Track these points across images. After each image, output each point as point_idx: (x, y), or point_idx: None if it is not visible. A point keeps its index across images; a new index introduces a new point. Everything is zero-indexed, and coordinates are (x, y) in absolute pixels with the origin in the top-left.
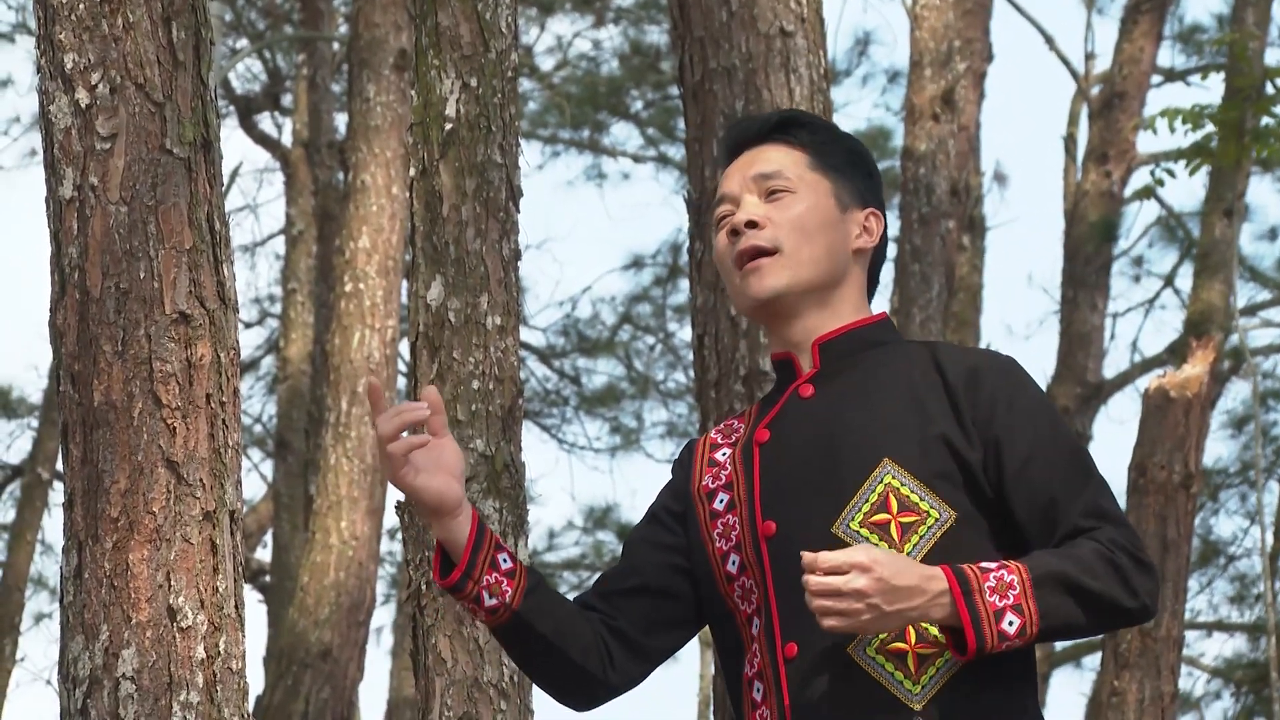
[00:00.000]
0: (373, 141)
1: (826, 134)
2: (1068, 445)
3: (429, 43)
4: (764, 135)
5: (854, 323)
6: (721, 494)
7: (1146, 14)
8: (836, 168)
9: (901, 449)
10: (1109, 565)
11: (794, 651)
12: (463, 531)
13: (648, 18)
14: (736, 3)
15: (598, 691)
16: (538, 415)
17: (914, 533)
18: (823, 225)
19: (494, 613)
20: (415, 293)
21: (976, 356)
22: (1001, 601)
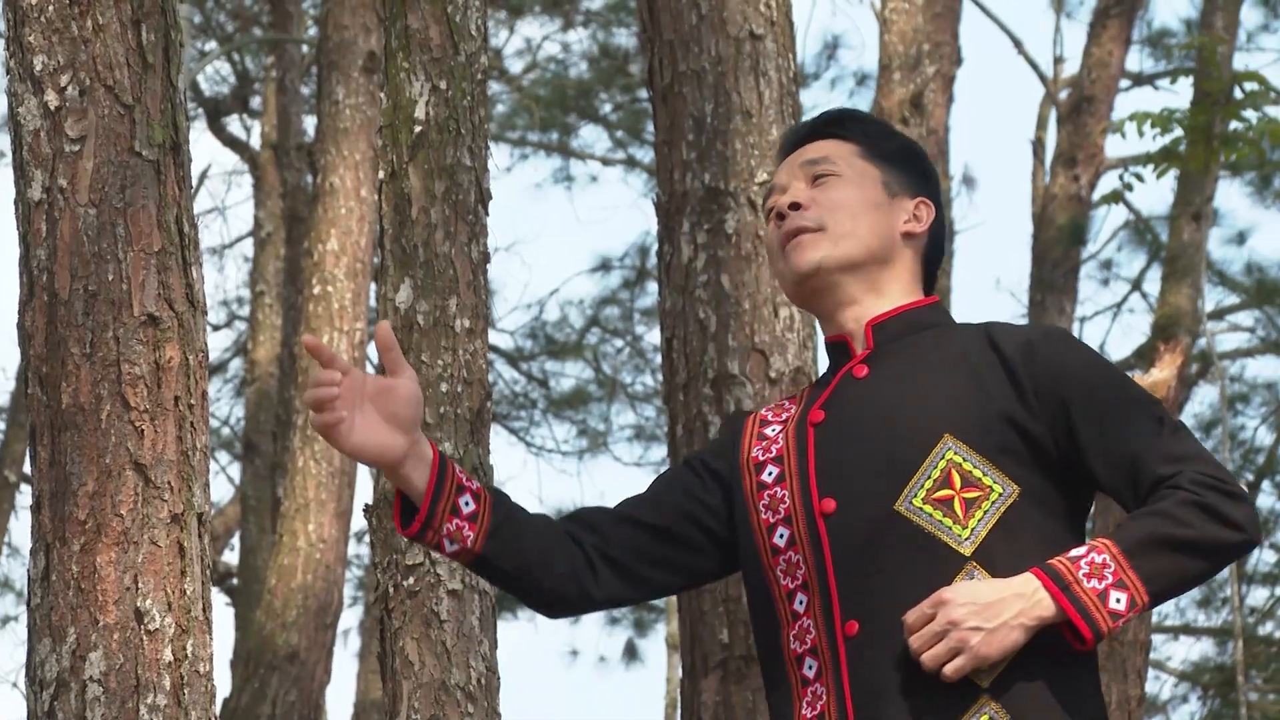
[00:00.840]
0: (342, 144)
1: (879, 129)
2: (1135, 398)
3: (398, 45)
4: (815, 132)
5: (906, 305)
6: (771, 467)
7: (1115, 18)
8: (887, 158)
9: (962, 424)
10: (1197, 509)
11: (855, 629)
12: (422, 480)
13: (617, 20)
14: (706, 6)
15: (571, 609)
16: (505, 418)
17: (978, 508)
18: (868, 206)
19: (457, 555)
20: (384, 295)
21: (1029, 330)
22: (1101, 583)
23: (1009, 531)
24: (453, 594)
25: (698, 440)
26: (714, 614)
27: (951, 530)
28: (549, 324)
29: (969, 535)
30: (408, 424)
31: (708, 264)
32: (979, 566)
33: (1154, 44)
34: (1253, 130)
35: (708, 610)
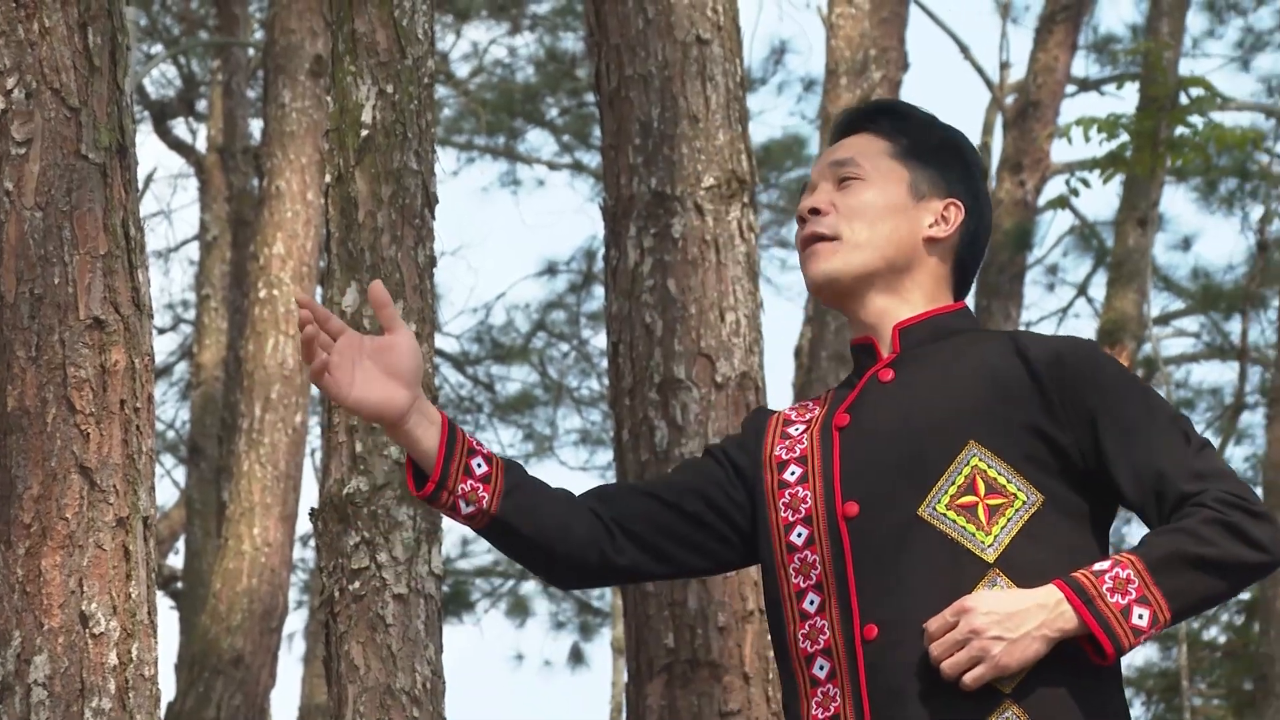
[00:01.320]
0: (288, 147)
1: (917, 123)
2: (1162, 414)
3: (345, 49)
4: (854, 124)
5: (934, 310)
6: (794, 466)
7: (1061, 24)
8: (919, 156)
9: (987, 432)
10: (1222, 527)
11: (874, 634)
12: (432, 440)
13: (564, 25)
14: (653, 10)
15: (591, 578)
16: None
17: (1001, 515)
18: (888, 212)
19: (472, 518)
20: (330, 299)
21: (1057, 341)
22: (1125, 599)
23: (1033, 539)
24: (398, 598)
25: (644, 445)
26: (659, 618)
27: (975, 536)
28: (495, 328)
29: (992, 542)
30: (409, 378)
31: (654, 268)
32: (1002, 573)
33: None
34: (1198, 135)
35: (653, 614)
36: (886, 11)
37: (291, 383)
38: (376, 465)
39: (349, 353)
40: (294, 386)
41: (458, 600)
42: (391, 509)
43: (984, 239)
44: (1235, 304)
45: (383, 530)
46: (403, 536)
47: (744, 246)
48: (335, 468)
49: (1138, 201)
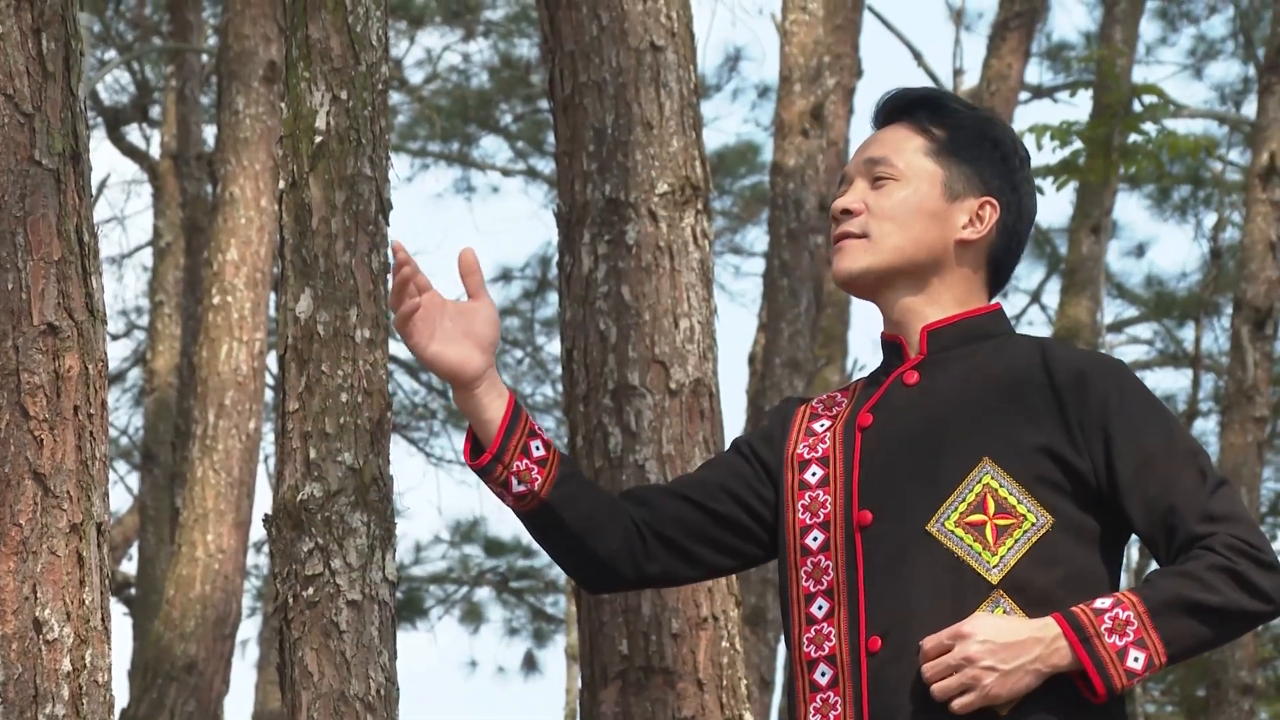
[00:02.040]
0: (242, 154)
1: (957, 118)
2: (1182, 448)
3: (299, 55)
4: (895, 114)
5: (964, 313)
6: (815, 467)
7: (1014, 31)
8: (955, 154)
9: (1002, 449)
10: (1227, 575)
11: (878, 645)
12: (497, 412)
13: (518, 31)
14: (607, 17)
15: (621, 583)
16: (405, 429)
17: (1009, 536)
18: (919, 214)
19: (521, 499)
20: (284, 305)
21: (1084, 359)
22: (1122, 640)
23: (1040, 561)
24: (352, 604)
25: (598, 452)
26: (614, 624)
27: (981, 556)
28: None
29: (998, 563)
30: (486, 344)
31: (608, 275)
32: (1006, 595)
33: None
34: (1151, 143)
35: (607, 621)
36: (840, 18)
37: (245, 389)
38: (330, 472)
39: (432, 309)
40: (248, 393)
41: (412, 607)
42: (345, 515)
43: (1024, 233)
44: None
45: (337, 537)
46: (357, 543)
47: (698, 253)
48: (289, 474)
49: (1091, 209)
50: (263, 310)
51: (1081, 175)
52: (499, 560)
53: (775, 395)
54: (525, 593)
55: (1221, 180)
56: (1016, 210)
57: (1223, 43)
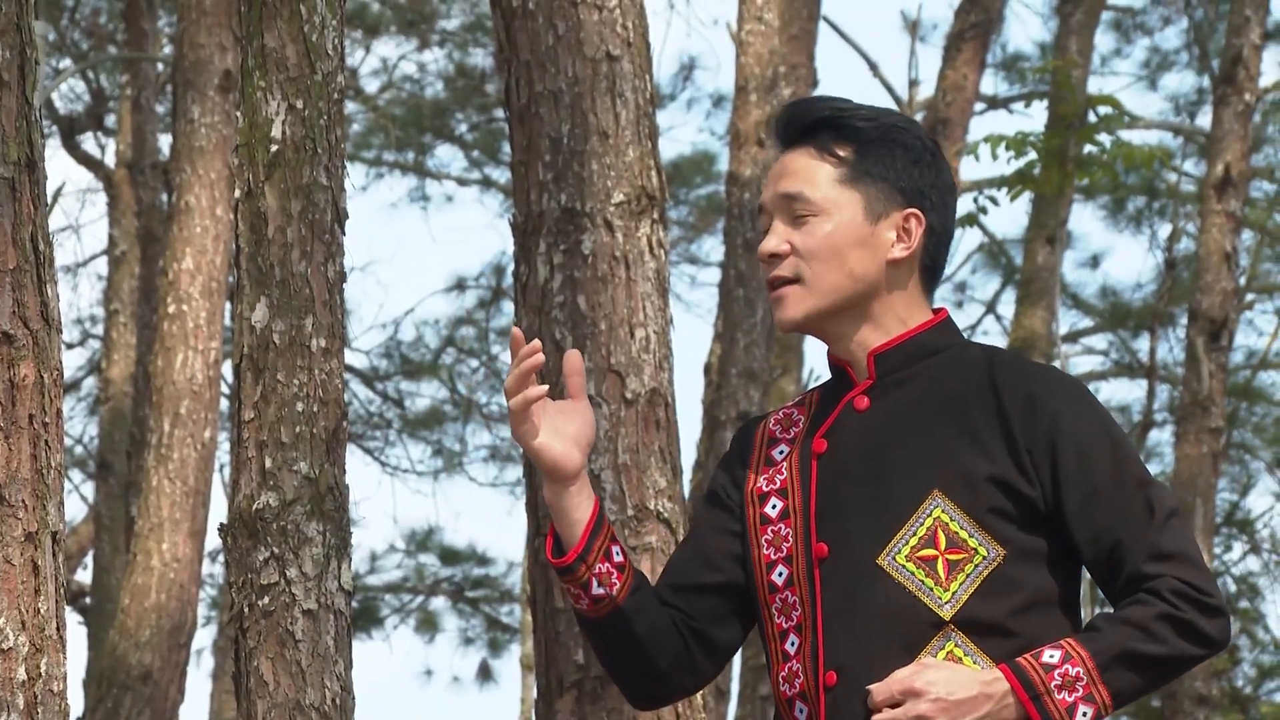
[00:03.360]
0: (197, 163)
1: (860, 134)
2: (1131, 477)
3: (255, 64)
4: (799, 137)
5: (910, 331)
6: (775, 499)
7: (970, 41)
8: (870, 174)
9: (952, 482)
10: (1172, 623)
11: (834, 680)
12: (583, 511)
13: (473, 40)
14: (563, 27)
15: (672, 696)
16: (360, 438)
17: (960, 570)
18: (847, 246)
19: (598, 602)
20: (239, 314)
21: (1034, 379)
22: (1071, 696)
23: (993, 593)
24: (308, 614)
25: None
26: (569, 634)
27: (933, 592)
28: (404, 344)
29: (950, 599)
30: (584, 444)
31: (564, 285)
32: (958, 631)
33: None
34: (1106, 154)
35: (563, 630)
36: (796, 28)
37: (200, 398)
38: (286, 481)
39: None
40: (203, 402)
41: (367, 616)
42: (301, 524)
43: (950, 226)
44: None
45: (292, 546)
46: (312, 552)
47: (654, 263)
48: (245, 483)
49: (1046, 219)
50: (218, 319)
51: (1037, 186)
52: (454, 569)
53: (731, 405)
54: (480, 602)
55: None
56: (940, 209)
57: (1177, 54)
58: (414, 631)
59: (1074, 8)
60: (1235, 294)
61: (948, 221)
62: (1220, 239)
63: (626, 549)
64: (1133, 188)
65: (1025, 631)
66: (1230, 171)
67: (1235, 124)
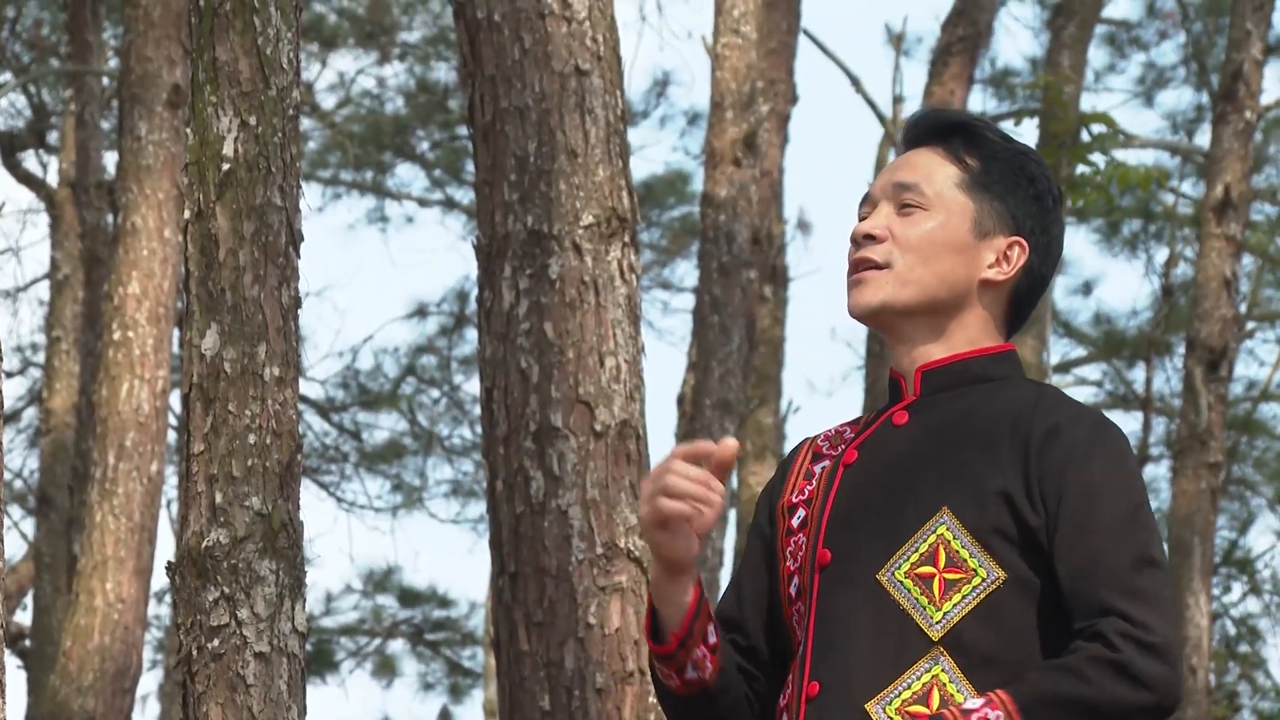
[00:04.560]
0: (144, 182)
1: (992, 149)
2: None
3: (206, 78)
4: (930, 136)
5: (965, 353)
6: (801, 509)
7: (957, 56)
8: (989, 188)
9: (963, 500)
10: (1107, 666)
11: (815, 691)
12: (688, 595)
13: (435, 54)
14: (530, 40)
15: None
16: (315, 472)
17: (956, 591)
18: (946, 249)
19: (689, 684)
20: (189, 341)
21: (1070, 413)
22: None
23: (984, 620)
24: (260, 657)
25: (519, 496)
26: (534, 679)
27: (925, 610)
28: (362, 373)
29: (941, 619)
30: (704, 536)
31: (530, 310)
32: (946, 653)
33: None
34: (1100, 174)
35: (528, 675)
36: (774, 42)
37: (147, 429)
38: (237, 517)
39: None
40: (149, 434)
41: (321, 660)
42: (253, 563)
43: (1049, 276)
44: (1139, 351)
45: (244, 585)
46: (264, 592)
47: (625, 288)
48: (193, 519)
49: None
50: (166, 347)
51: None
52: (413, 611)
53: (705, 437)
54: (441, 645)
55: (1173, 213)
56: (1044, 252)
57: (1174, 70)
58: (371, 676)
59: (1066, 21)
60: (1235, 322)
61: (1047, 269)
62: (1219, 264)
63: (719, 628)
64: (1128, 210)
65: (1015, 666)
66: (1230, 193)
67: (1235, 143)
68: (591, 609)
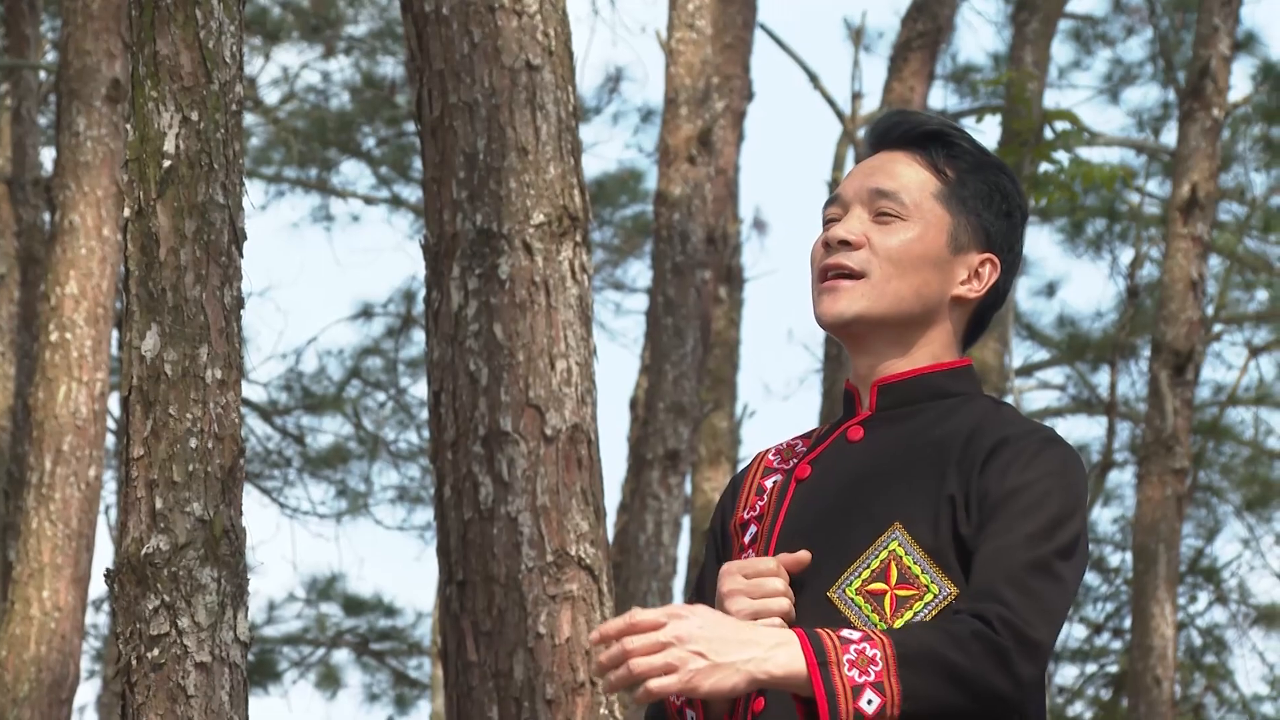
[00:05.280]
0: (83, 179)
1: (968, 159)
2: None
3: (146, 73)
4: (905, 141)
5: (924, 368)
6: (752, 525)
7: (917, 51)
8: (965, 202)
9: (914, 516)
10: (987, 646)
11: (760, 706)
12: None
13: (382, 48)
14: (479, 34)
15: None
16: (258, 477)
17: (908, 608)
18: (923, 262)
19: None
20: (128, 343)
21: (1020, 429)
22: (861, 677)
23: None
24: (201, 667)
25: (467, 503)
26: (483, 690)
27: (877, 628)
28: (306, 375)
29: None
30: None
31: (479, 312)
32: None
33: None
34: (1064, 173)
35: (476, 686)
36: (730, 37)
37: (85, 433)
38: (178, 523)
39: None
40: (87, 438)
41: (264, 670)
42: (194, 570)
43: (1009, 289)
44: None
45: (184, 593)
46: (206, 600)
47: (576, 289)
48: (133, 525)
49: None
50: (105, 348)
51: None
52: (358, 620)
53: (658, 443)
54: (387, 655)
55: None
56: (1011, 269)
57: (1141, 66)
58: (315, 687)
59: (1030, 16)
60: (1202, 324)
61: (1008, 286)
62: (1186, 265)
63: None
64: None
65: None
66: (1197, 192)
67: (1203, 141)
68: (541, 618)
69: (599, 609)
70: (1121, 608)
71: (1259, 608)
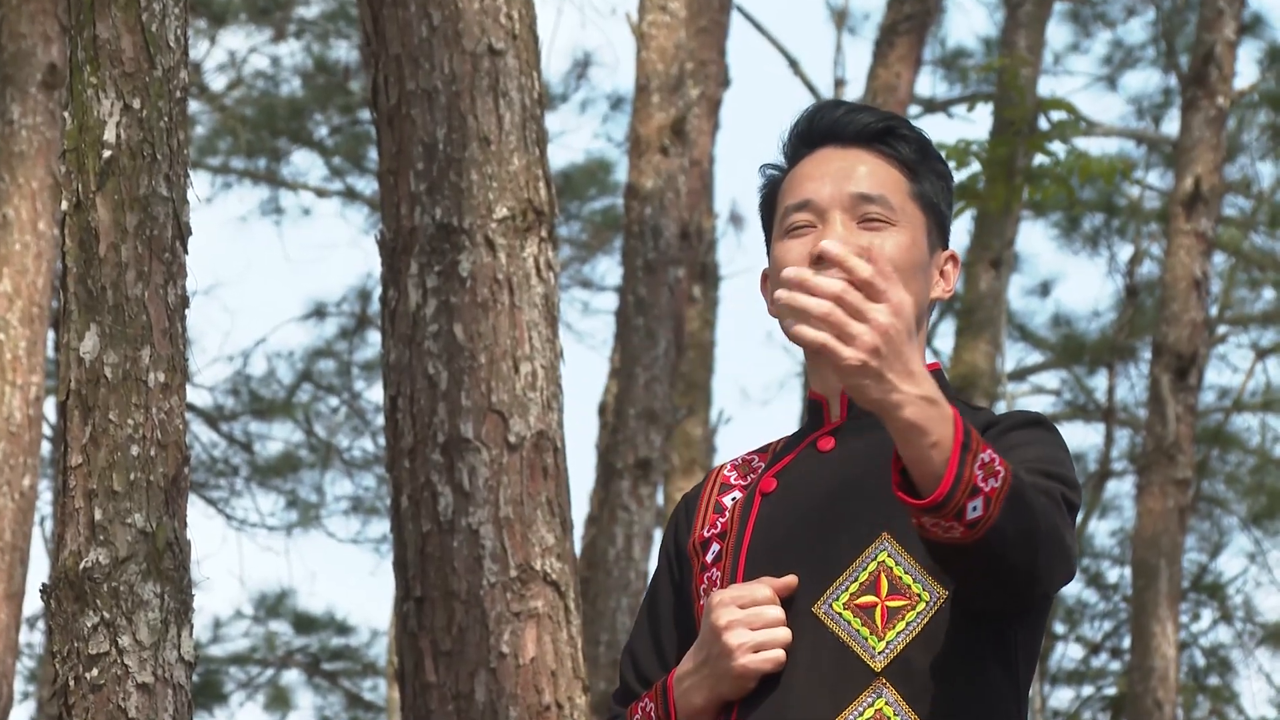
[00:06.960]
0: (17, 170)
1: (919, 151)
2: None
3: (85, 57)
4: (864, 138)
5: None
6: (715, 544)
7: (904, 36)
8: (927, 197)
9: (902, 523)
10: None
11: None
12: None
13: (335, 31)
14: (439, 16)
15: None
16: (203, 486)
17: (900, 619)
18: (918, 269)
19: None
20: (66, 344)
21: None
22: (982, 485)
23: (929, 645)
24: (143, 688)
25: (425, 514)
26: (443, 713)
27: (867, 642)
28: (254, 379)
29: (884, 648)
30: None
31: (438, 311)
32: (889, 685)
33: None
34: (1060, 165)
35: (435, 710)
36: (705, 20)
37: (19, 440)
38: (119, 535)
39: None
40: (21, 445)
41: (209, 691)
42: (135, 586)
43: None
44: (1101, 357)
45: (125, 610)
46: (148, 617)
47: (541, 287)
48: (70, 538)
49: (991, 240)
50: (40, 349)
51: (980, 201)
52: (310, 638)
53: (629, 450)
54: (340, 676)
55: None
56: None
57: (1141, 50)
58: (263, 709)
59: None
60: (1205, 326)
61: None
62: (1188, 262)
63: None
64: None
65: (959, 687)
66: (1200, 185)
67: (1206, 131)
68: (505, 637)
69: (565, 627)
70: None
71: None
